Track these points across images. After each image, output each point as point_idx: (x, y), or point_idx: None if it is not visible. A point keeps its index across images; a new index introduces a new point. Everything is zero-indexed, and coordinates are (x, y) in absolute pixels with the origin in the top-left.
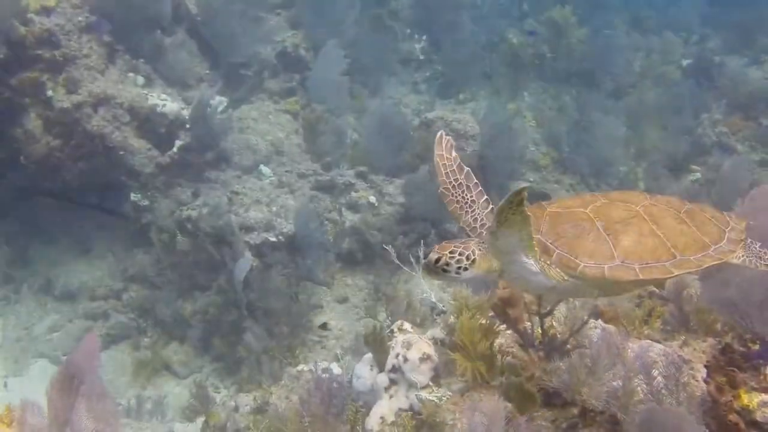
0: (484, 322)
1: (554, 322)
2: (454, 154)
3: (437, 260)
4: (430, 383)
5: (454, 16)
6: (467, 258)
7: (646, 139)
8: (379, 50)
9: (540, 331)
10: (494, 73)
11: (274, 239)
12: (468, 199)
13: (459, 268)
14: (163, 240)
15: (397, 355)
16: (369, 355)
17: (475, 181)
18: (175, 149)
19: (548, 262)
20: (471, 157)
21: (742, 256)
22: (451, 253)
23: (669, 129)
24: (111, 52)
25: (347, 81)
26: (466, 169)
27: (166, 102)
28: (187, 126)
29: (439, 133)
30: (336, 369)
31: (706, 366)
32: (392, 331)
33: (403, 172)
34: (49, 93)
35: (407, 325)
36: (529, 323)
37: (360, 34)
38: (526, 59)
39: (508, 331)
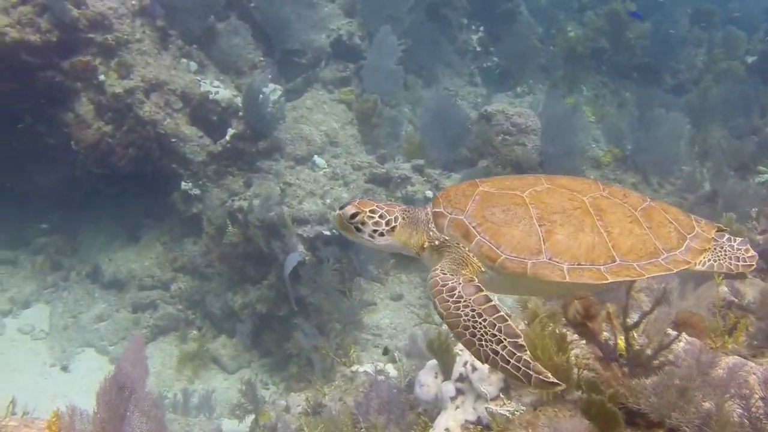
0: (558, 332)
1: (634, 333)
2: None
3: (353, 215)
4: (500, 395)
5: (511, 6)
6: (387, 223)
7: (710, 137)
8: (435, 40)
9: (623, 345)
10: (552, 66)
11: (327, 233)
12: None
13: (375, 231)
14: (213, 231)
15: (465, 364)
16: (433, 362)
17: None
18: (227, 137)
19: (466, 249)
20: (531, 152)
21: (708, 261)
22: (371, 212)
23: (734, 127)
24: (164, 37)
25: (402, 71)
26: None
27: (219, 89)
28: (240, 114)
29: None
30: (392, 371)
31: None
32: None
33: (461, 167)
34: (101, 77)
35: None
36: (608, 335)
37: (415, 23)
38: (584, 52)
39: (582, 342)
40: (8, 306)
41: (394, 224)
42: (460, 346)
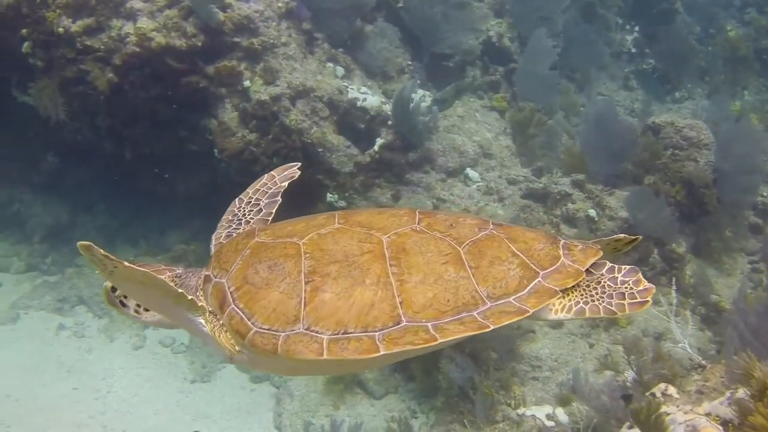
0: None
1: None
2: (285, 183)
3: (114, 288)
4: None
5: (668, 4)
6: None
7: None
8: (590, 41)
9: None
10: (711, 68)
11: None
12: (244, 217)
13: (140, 305)
14: None
15: None
16: None
17: (272, 211)
18: (375, 148)
19: (221, 322)
20: (704, 169)
21: (574, 304)
22: None
23: None
24: (310, 41)
25: (557, 76)
26: (278, 199)
27: (367, 95)
28: (389, 122)
29: (293, 165)
30: (562, 416)
31: None
32: (653, 395)
33: (624, 183)
34: (246, 83)
35: (672, 390)
36: None
37: (569, 24)
38: (746, 53)
39: None
40: None
41: None
42: (678, 418)
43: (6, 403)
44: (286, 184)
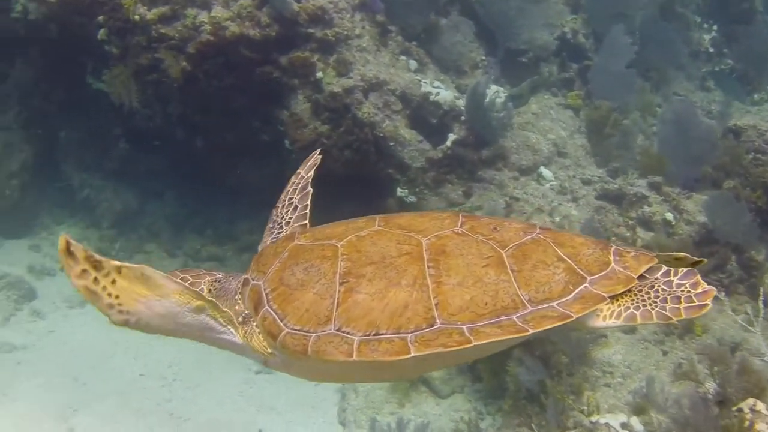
0: None
1: None
2: (311, 173)
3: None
4: None
5: (747, 4)
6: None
7: None
8: (669, 40)
9: None
10: None
11: None
12: (283, 220)
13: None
14: None
15: None
16: None
17: (307, 203)
18: (448, 143)
19: (255, 324)
20: None
21: (624, 309)
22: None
23: None
24: (383, 33)
25: (634, 74)
26: (309, 190)
27: (440, 90)
28: (462, 118)
29: (314, 153)
30: (637, 425)
31: None
32: (740, 410)
33: (703, 186)
34: (319, 75)
35: (761, 406)
36: None
37: (647, 21)
38: None
39: None
40: None
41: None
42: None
43: (74, 386)
44: (312, 173)
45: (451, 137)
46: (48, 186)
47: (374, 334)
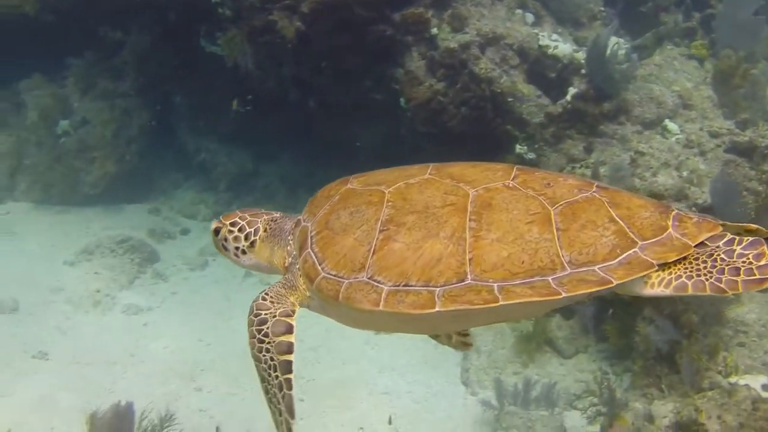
0: None
1: None
2: None
3: (216, 231)
4: None
5: None
6: (246, 237)
7: None
8: None
9: None
10: None
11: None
12: None
13: (237, 248)
14: None
15: None
16: None
17: None
18: (568, 97)
19: (297, 266)
20: None
21: (675, 277)
22: (231, 225)
23: None
24: None
25: (763, 22)
26: None
27: (558, 43)
28: (582, 71)
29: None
30: None
31: None
32: None
33: None
34: (434, 31)
35: None
36: None
37: None
38: None
39: None
40: None
41: (253, 238)
42: None
43: (198, 346)
44: None
45: (571, 91)
46: (164, 150)
47: (404, 285)
